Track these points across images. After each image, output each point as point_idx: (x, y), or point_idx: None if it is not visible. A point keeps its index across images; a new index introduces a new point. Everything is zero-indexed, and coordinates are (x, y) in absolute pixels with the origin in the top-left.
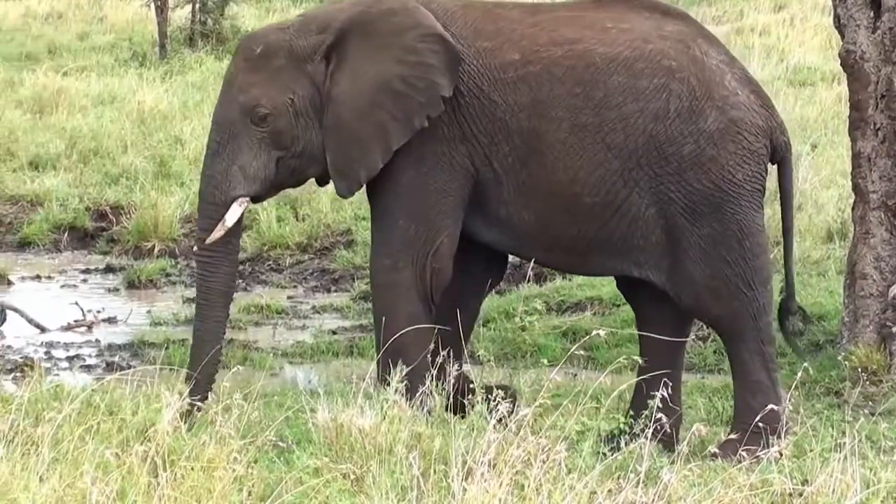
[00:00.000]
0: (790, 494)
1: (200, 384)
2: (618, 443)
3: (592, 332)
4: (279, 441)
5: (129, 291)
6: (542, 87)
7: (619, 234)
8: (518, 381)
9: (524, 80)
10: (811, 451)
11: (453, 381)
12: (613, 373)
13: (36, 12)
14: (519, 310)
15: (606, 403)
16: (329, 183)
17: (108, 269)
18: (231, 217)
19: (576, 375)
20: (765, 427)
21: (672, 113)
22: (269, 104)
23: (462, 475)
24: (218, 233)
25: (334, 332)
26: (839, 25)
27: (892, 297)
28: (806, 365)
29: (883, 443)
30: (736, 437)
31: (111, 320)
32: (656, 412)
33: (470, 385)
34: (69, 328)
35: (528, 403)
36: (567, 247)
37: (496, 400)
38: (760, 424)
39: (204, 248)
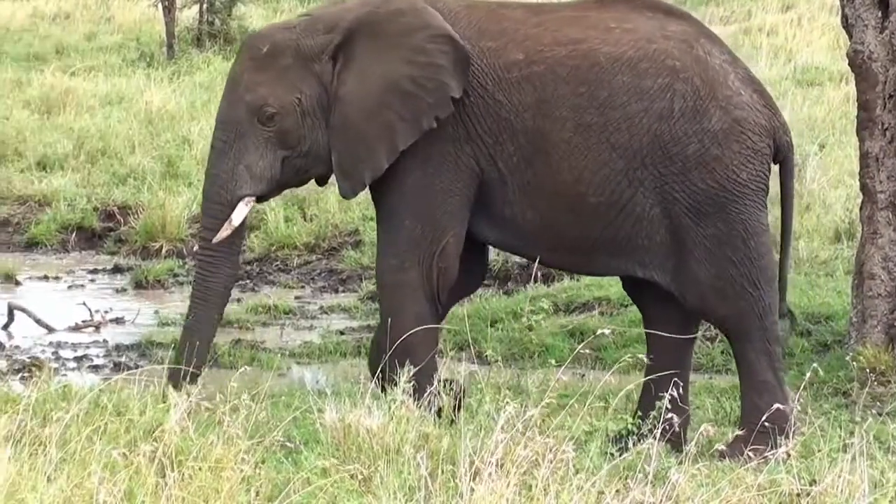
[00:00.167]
0: (798, 495)
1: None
2: (626, 443)
3: (598, 332)
4: (287, 441)
5: (137, 292)
6: (546, 86)
7: (623, 234)
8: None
9: (528, 80)
10: (819, 451)
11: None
12: (621, 373)
13: (43, 12)
14: (526, 310)
15: (614, 403)
16: (327, 182)
17: (116, 270)
18: (237, 216)
19: (583, 375)
20: (772, 427)
21: (676, 113)
22: (276, 103)
23: (470, 475)
24: (224, 232)
25: (342, 333)
26: (847, 25)
27: None
28: (815, 365)
29: (891, 443)
30: (743, 437)
31: (119, 320)
32: (664, 412)
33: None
34: (77, 328)
35: (536, 403)
36: (571, 246)
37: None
38: (768, 424)
39: (206, 247)
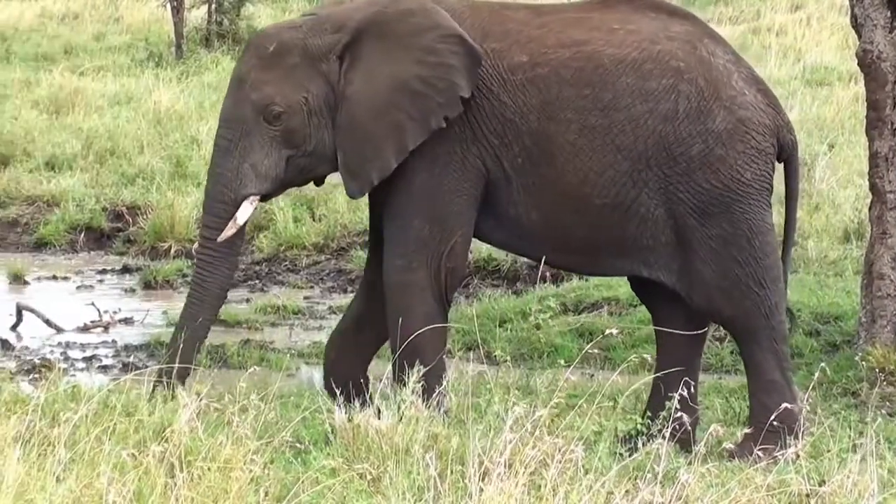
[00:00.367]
0: (807, 495)
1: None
2: (635, 443)
3: (606, 332)
4: (296, 441)
5: (146, 292)
6: (550, 88)
7: (628, 235)
8: (535, 381)
9: (533, 82)
10: (828, 451)
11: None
12: (630, 373)
13: (52, 13)
14: (534, 310)
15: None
16: (324, 183)
17: (125, 270)
18: (242, 215)
19: (592, 375)
20: (782, 427)
21: (681, 114)
22: (283, 102)
23: (479, 475)
24: (229, 231)
25: None
26: (856, 25)
27: None
28: (824, 365)
29: None
30: (752, 437)
31: (127, 321)
32: (674, 412)
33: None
34: (86, 329)
35: (545, 403)
36: (576, 247)
37: None
38: (777, 424)
39: (207, 245)
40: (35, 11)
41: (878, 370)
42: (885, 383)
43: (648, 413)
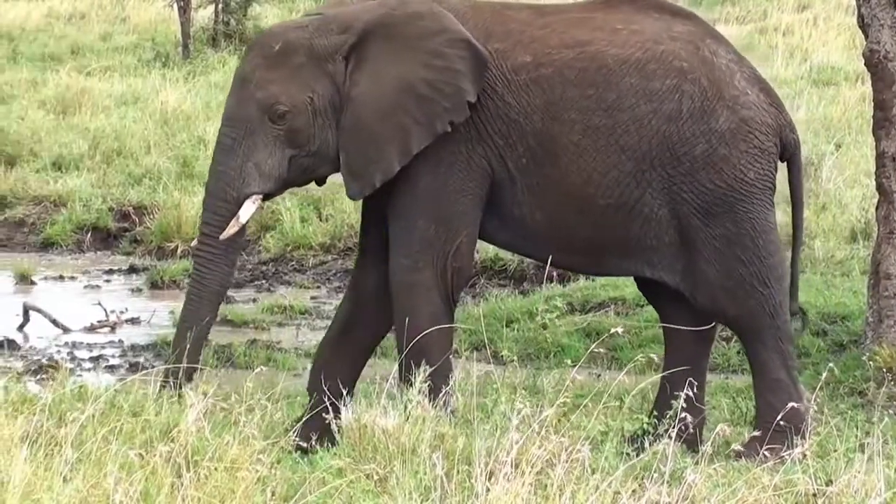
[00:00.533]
0: (814, 495)
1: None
2: (641, 443)
3: (611, 331)
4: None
5: (152, 292)
6: (554, 89)
7: (632, 235)
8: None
9: (536, 82)
10: (835, 451)
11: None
12: (636, 372)
13: (59, 13)
14: (541, 309)
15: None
16: (325, 183)
17: (132, 270)
18: (245, 214)
19: (599, 375)
20: (788, 426)
21: (685, 114)
22: (288, 102)
23: (485, 475)
24: (232, 229)
25: None
26: (863, 25)
27: None
28: (831, 365)
29: None
30: (759, 437)
31: (134, 321)
32: (680, 412)
33: None
34: (92, 329)
35: (551, 403)
36: (580, 247)
37: None
38: (784, 423)
39: (207, 243)
40: (42, 11)
41: (885, 370)
42: (892, 383)
43: (655, 413)
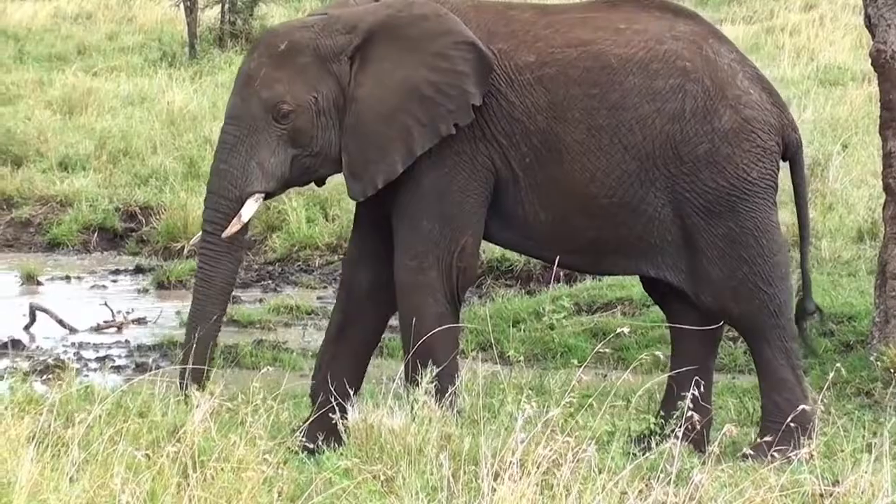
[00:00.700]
0: (821, 495)
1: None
2: (648, 443)
3: (618, 331)
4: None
5: (159, 292)
6: (558, 88)
7: (635, 235)
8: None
9: (540, 82)
10: (842, 451)
11: None
12: (643, 372)
13: (65, 13)
14: (548, 310)
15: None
16: (325, 184)
17: (138, 270)
18: (247, 212)
19: (605, 375)
20: (795, 426)
21: (688, 113)
22: (292, 101)
23: (492, 475)
24: (234, 227)
25: None
26: (870, 25)
27: None
28: (838, 365)
29: None
30: (766, 438)
31: (141, 321)
32: (687, 412)
33: None
34: (99, 329)
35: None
36: (583, 247)
37: None
38: (791, 424)
39: (211, 241)
40: (48, 11)
41: (891, 370)
42: None
43: (662, 413)
